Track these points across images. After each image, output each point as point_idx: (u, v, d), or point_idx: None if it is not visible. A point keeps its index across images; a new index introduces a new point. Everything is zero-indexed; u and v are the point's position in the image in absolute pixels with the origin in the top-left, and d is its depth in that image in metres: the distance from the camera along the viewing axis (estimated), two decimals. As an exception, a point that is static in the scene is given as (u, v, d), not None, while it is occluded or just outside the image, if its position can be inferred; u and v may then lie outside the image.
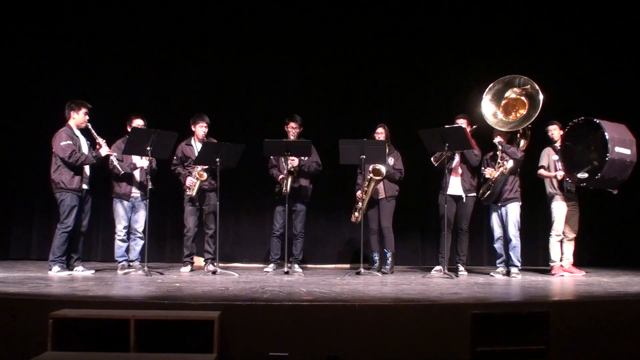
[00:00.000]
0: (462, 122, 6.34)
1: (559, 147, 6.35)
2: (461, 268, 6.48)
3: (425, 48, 8.02)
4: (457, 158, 6.44)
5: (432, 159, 6.43)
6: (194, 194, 6.43)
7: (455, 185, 6.38)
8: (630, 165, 5.86)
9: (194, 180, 6.39)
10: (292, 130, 6.59)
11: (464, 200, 6.43)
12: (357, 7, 8.03)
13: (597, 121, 5.84)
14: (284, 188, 6.39)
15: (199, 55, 8.02)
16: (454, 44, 7.96)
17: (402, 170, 6.60)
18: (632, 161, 5.85)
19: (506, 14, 7.96)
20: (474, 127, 6.30)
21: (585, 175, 5.92)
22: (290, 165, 6.39)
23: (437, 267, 6.49)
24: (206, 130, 6.58)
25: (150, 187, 6.15)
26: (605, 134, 5.70)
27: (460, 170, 6.45)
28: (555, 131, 6.46)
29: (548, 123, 6.49)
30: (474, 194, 6.49)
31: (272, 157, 6.66)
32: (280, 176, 6.54)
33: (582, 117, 6.02)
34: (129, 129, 6.24)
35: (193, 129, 6.60)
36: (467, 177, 6.46)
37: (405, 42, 8.04)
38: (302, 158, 6.50)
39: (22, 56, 7.84)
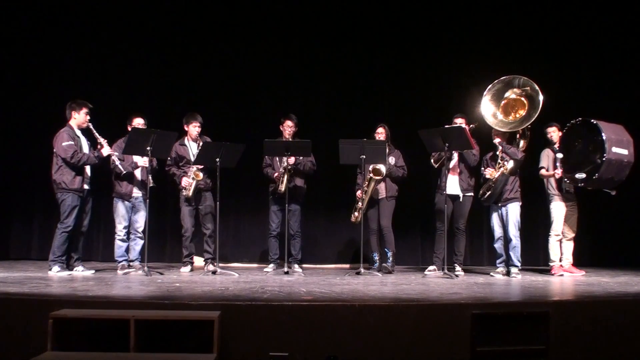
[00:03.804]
0: (460, 122, 6.35)
1: (557, 149, 6.35)
2: (458, 268, 6.48)
3: (426, 48, 8.02)
4: (455, 158, 6.44)
5: (431, 160, 6.45)
6: (190, 193, 6.42)
7: (452, 185, 6.36)
8: (628, 166, 5.87)
9: (190, 180, 6.38)
10: (288, 129, 6.58)
11: (461, 199, 6.43)
12: (357, 7, 8.03)
13: (595, 122, 5.86)
14: (280, 186, 6.39)
15: (199, 55, 8.03)
16: (454, 44, 7.97)
17: (404, 167, 6.61)
18: (629, 161, 5.87)
19: (506, 14, 7.96)
20: (472, 125, 6.30)
21: (583, 175, 5.93)
22: (286, 163, 6.39)
23: (432, 267, 6.48)
24: (199, 129, 6.56)
25: (151, 184, 6.15)
26: (603, 134, 5.72)
27: (458, 170, 6.44)
28: (554, 133, 6.46)
29: (547, 125, 6.49)
30: (472, 194, 6.49)
31: (266, 156, 6.66)
32: (276, 174, 6.54)
33: (580, 118, 6.04)
34: (129, 129, 6.25)
35: (186, 128, 6.59)
36: (465, 177, 6.45)
37: (405, 41, 8.04)
38: (298, 157, 6.50)
39: (22, 56, 7.85)
